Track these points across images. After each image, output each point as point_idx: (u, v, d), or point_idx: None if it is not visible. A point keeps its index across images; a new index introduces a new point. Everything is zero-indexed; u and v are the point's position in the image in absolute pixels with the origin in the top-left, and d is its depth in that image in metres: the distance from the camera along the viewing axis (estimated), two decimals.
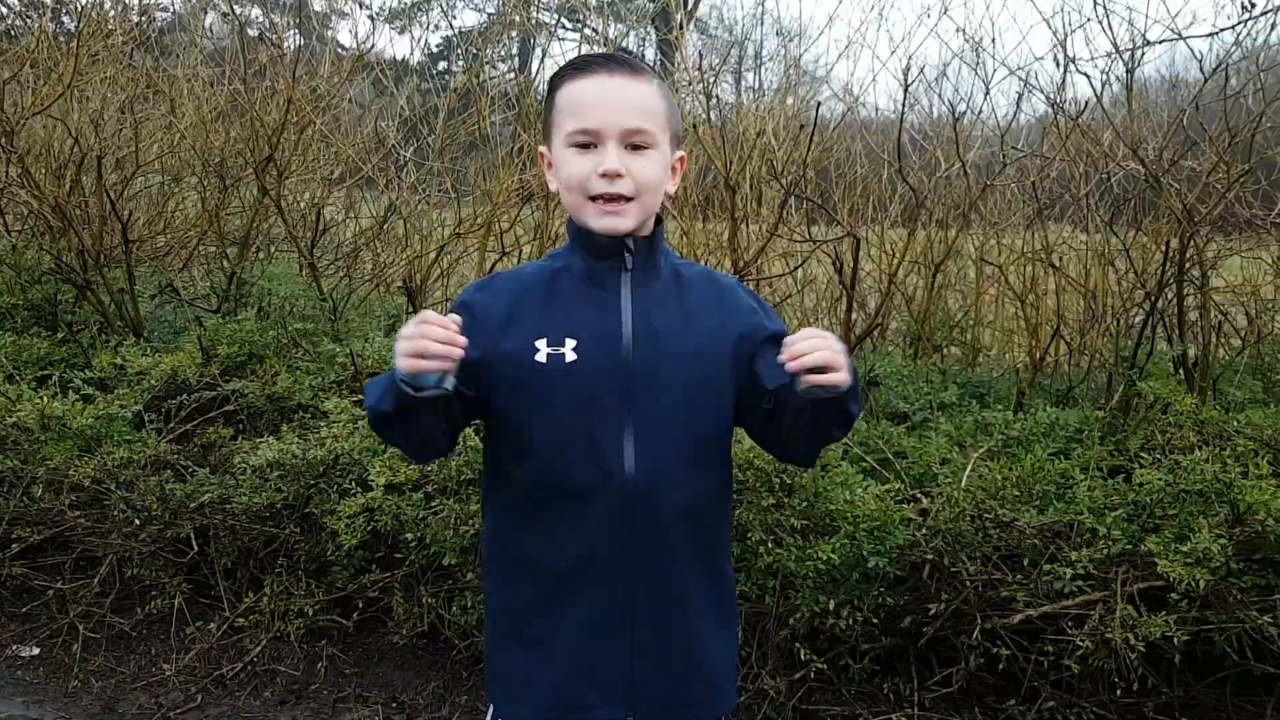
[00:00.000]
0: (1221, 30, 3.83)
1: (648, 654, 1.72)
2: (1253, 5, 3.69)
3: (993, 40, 5.82)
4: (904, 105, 4.23)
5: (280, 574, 3.56)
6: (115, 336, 4.61)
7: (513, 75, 7.18)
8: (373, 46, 5.88)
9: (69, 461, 3.59)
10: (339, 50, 6.02)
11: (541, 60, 6.94)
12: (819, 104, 4.42)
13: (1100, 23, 3.89)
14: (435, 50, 13.45)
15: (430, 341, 1.50)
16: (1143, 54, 3.93)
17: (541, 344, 1.65)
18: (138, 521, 3.53)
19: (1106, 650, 2.70)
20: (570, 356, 1.65)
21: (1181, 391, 3.50)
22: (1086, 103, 4.18)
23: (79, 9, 5.26)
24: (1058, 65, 4.12)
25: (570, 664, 1.71)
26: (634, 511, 1.66)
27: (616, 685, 1.72)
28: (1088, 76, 4.10)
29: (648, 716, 1.75)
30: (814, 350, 1.49)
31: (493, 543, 1.82)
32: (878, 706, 3.06)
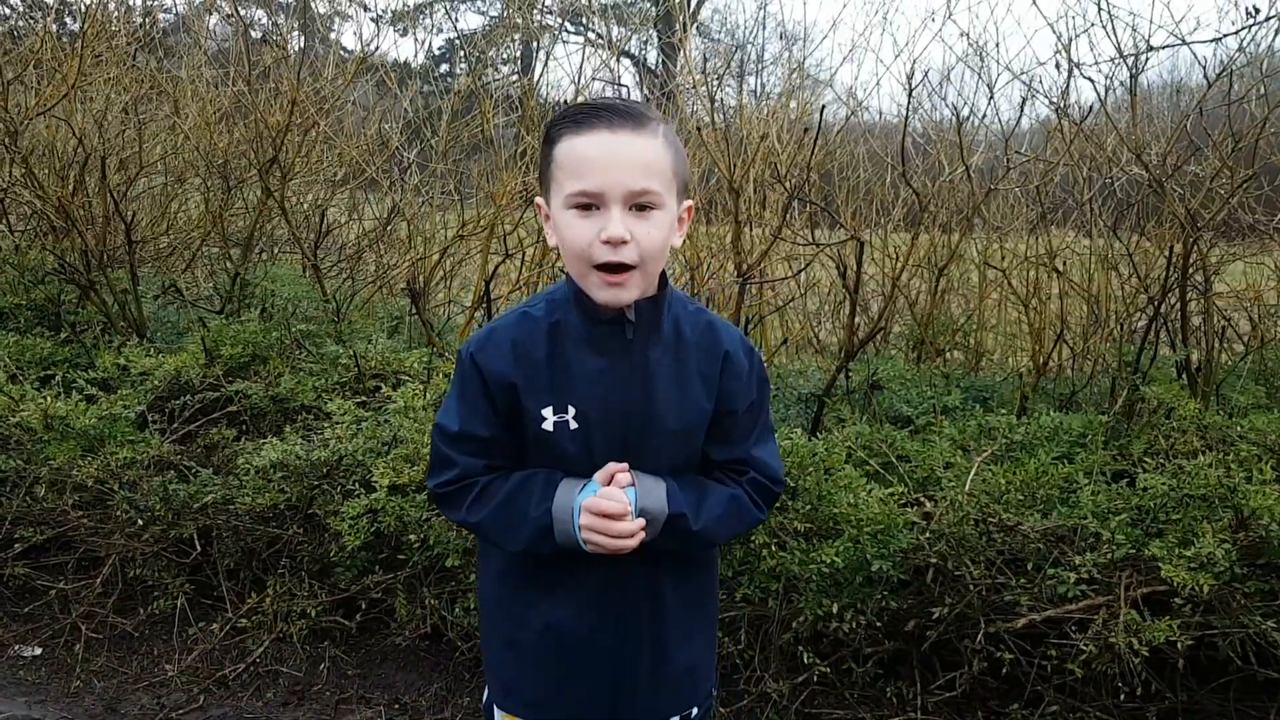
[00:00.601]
0: (1225, 35, 3.84)
1: (631, 669, 1.80)
2: (1257, 10, 3.69)
3: (997, 45, 5.84)
4: (908, 109, 4.23)
5: (283, 575, 3.56)
6: (118, 337, 4.61)
7: (516, 78, 7.18)
8: (377, 49, 5.88)
9: (72, 461, 3.59)
10: (342, 52, 6.02)
11: (545, 63, 6.94)
12: (823, 107, 4.42)
13: (1104, 28, 3.90)
14: (438, 53, 13.46)
15: (614, 542, 1.63)
16: (1146, 59, 3.94)
17: (548, 413, 1.68)
18: (140, 522, 3.53)
19: (1110, 655, 2.70)
20: (573, 425, 1.68)
21: (1185, 396, 3.50)
22: (1090, 107, 4.18)
23: (83, 10, 5.26)
24: (1059, 70, 4.12)
25: (554, 675, 1.80)
26: (627, 557, 1.70)
27: (600, 699, 1.80)
28: (1091, 81, 4.10)
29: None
30: None
31: (486, 556, 1.89)
32: (881, 710, 3.06)
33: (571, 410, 1.67)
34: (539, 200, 1.72)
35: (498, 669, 1.88)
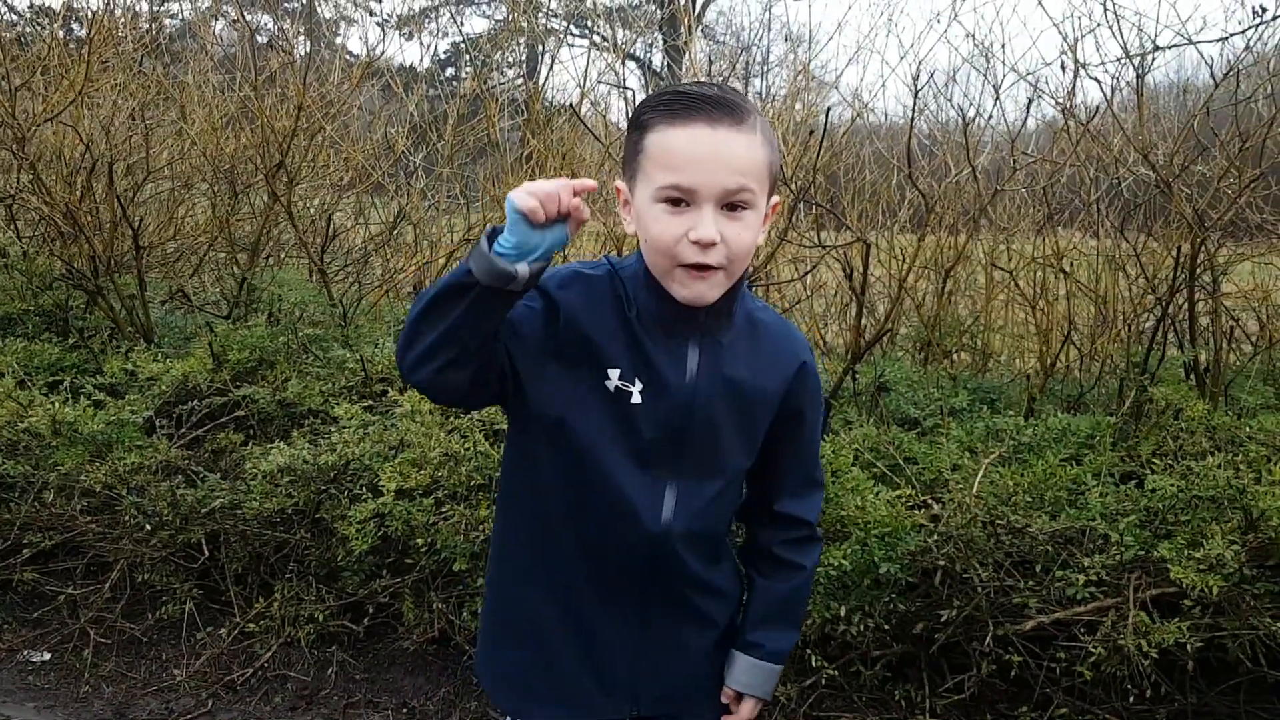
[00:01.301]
0: (1232, 35, 3.83)
1: (653, 657, 1.74)
2: (1264, 10, 3.68)
3: (1002, 45, 5.82)
4: (913, 110, 4.23)
5: (291, 579, 3.56)
6: (126, 342, 4.63)
7: (521, 81, 7.19)
8: (382, 53, 5.91)
9: (80, 467, 3.60)
10: (348, 57, 6.03)
11: (550, 67, 6.94)
12: (828, 109, 4.42)
13: (1110, 28, 3.89)
14: (444, 56, 13.48)
15: (560, 195, 1.42)
16: (1153, 59, 3.93)
17: (614, 374, 1.60)
18: (149, 527, 3.54)
19: (1119, 657, 2.69)
20: (636, 399, 1.61)
21: (1193, 397, 3.49)
22: (1097, 108, 4.17)
23: (89, 16, 5.27)
24: (1065, 70, 4.11)
25: (577, 666, 1.73)
26: (660, 550, 1.66)
27: (620, 684, 1.74)
28: (1098, 81, 4.08)
29: (651, 713, 1.77)
30: None
31: (504, 546, 1.81)
32: (889, 713, 3.05)
33: (638, 384, 1.60)
34: (619, 184, 1.63)
35: (509, 673, 1.81)
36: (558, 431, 1.63)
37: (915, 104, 4.17)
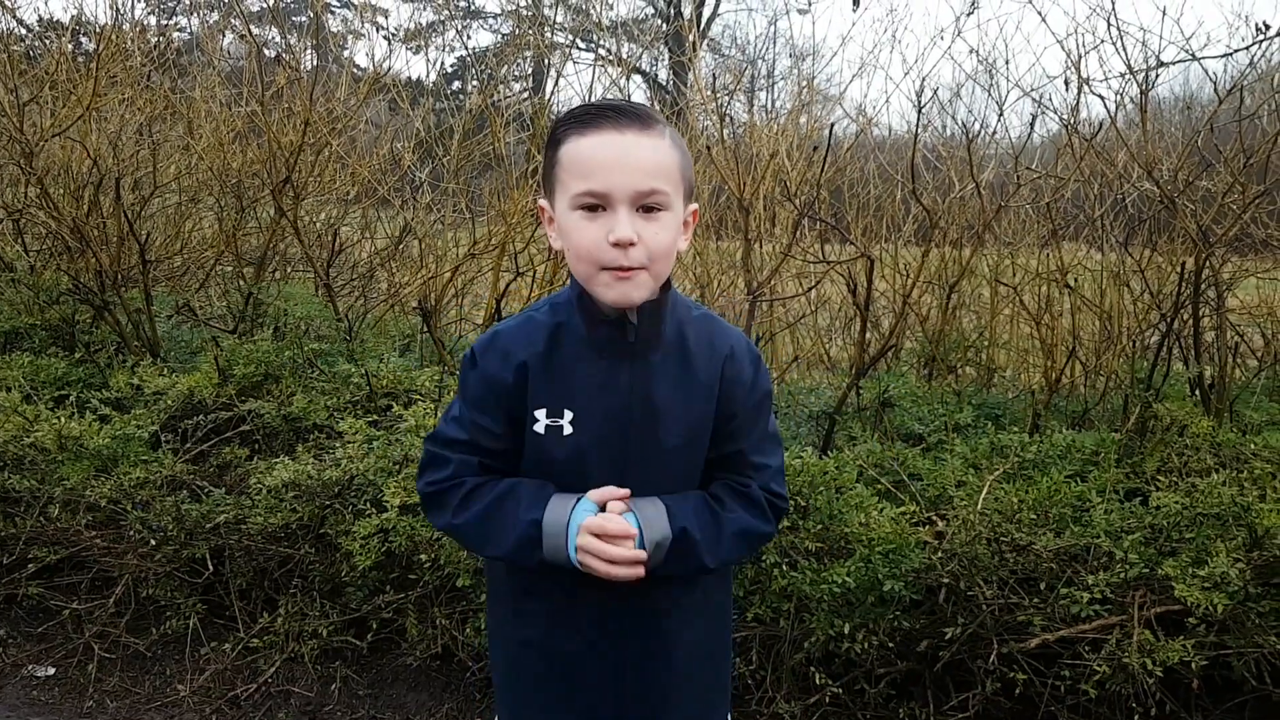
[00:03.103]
0: (1236, 51, 3.83)
1: (636, 697, 1.74)
2: (1267, 26, 3.69)
3: (1006, 61, 5.83)
4: (917, 125, 4.24)
5: (295, 595, 3.56)
6: (132, 356, 4.64)
7: (527, 95, 7.21)
8: (389, 68, 5.92)
9: (85, 481, 3.61)
10: (355, 71, 6.06)
11: (556, 81, 6.97)
12: (832, 125, 4.43)
13: (1114, 44, 3.90)
14: (450, 70, 13.52)
15: (611, 568, 1.57)
16: (1157, 75, 3.93)
17: (540, 414, 1.64)
18: (153, 542, 3.54)
19: (1124, 675, 2.69)
20: (567, 429, 1.63)
21: (1198, 413, 3.49)
22: (1100, 123, 4.18)
23: (98, 31, 5.30)
24: (1067, 86, 4.13)
25: (544, 697, 1.75)
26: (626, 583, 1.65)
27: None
28: (1101, 97, 4.09)
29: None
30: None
31: (494, 583, 1.84)
32: None
33: (568, 415, 1.63)
34: (542, 203, 1.68)
35: (499, 690, 1.85)
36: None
37: (919, 119, 4.19)
